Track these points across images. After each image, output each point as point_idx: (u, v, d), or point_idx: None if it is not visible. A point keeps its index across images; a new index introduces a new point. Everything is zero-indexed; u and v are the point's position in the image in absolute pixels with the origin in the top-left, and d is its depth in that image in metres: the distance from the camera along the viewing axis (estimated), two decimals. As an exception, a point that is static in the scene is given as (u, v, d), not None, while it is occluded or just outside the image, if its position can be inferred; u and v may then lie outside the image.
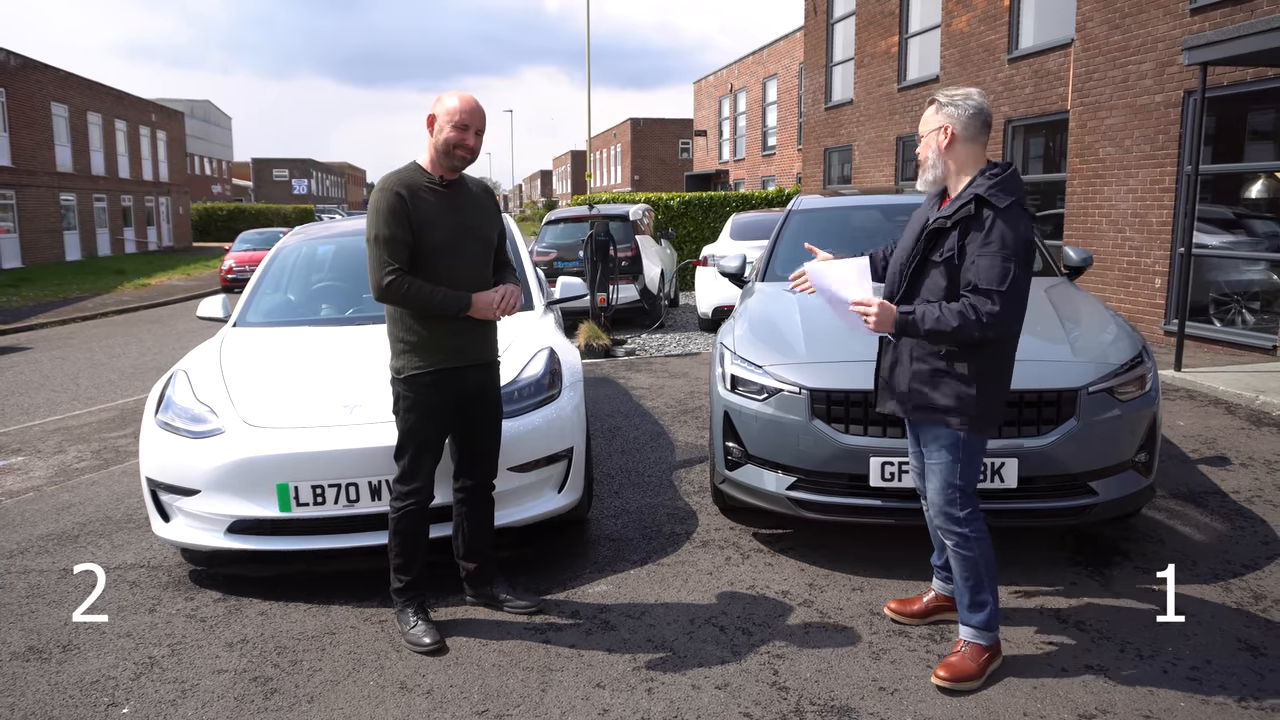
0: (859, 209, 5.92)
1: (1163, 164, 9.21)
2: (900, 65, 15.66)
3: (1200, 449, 5.46)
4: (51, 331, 15.58)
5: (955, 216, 2.84)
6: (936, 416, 2.91)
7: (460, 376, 3.28)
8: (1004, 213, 2.78)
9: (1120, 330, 4.08)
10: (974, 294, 2.76)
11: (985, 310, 2.72)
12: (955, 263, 2.83)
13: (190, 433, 3.74)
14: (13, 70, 27.74)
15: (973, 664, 2.92)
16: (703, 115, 37.11)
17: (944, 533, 2.98)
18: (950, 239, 2.84)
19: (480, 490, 3.48)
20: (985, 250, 2.76)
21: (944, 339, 2.81)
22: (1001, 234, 2.75)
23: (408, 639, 3.28)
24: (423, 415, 3.24)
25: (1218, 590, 3.56)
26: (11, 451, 6.68)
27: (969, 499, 2.94)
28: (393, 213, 3.12)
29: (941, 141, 2.90)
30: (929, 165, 2.95)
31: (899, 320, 2.83)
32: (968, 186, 2.88)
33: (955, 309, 2.76)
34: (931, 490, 2.99)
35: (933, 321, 2.78)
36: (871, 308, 2.83)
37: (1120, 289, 9.91)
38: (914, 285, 2.96)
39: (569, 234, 12.65)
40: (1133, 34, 9.53)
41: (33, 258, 28.10)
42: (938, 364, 2.89)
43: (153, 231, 38.84)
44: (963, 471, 2.92)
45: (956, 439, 2.89)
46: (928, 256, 2.92)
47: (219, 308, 5.07)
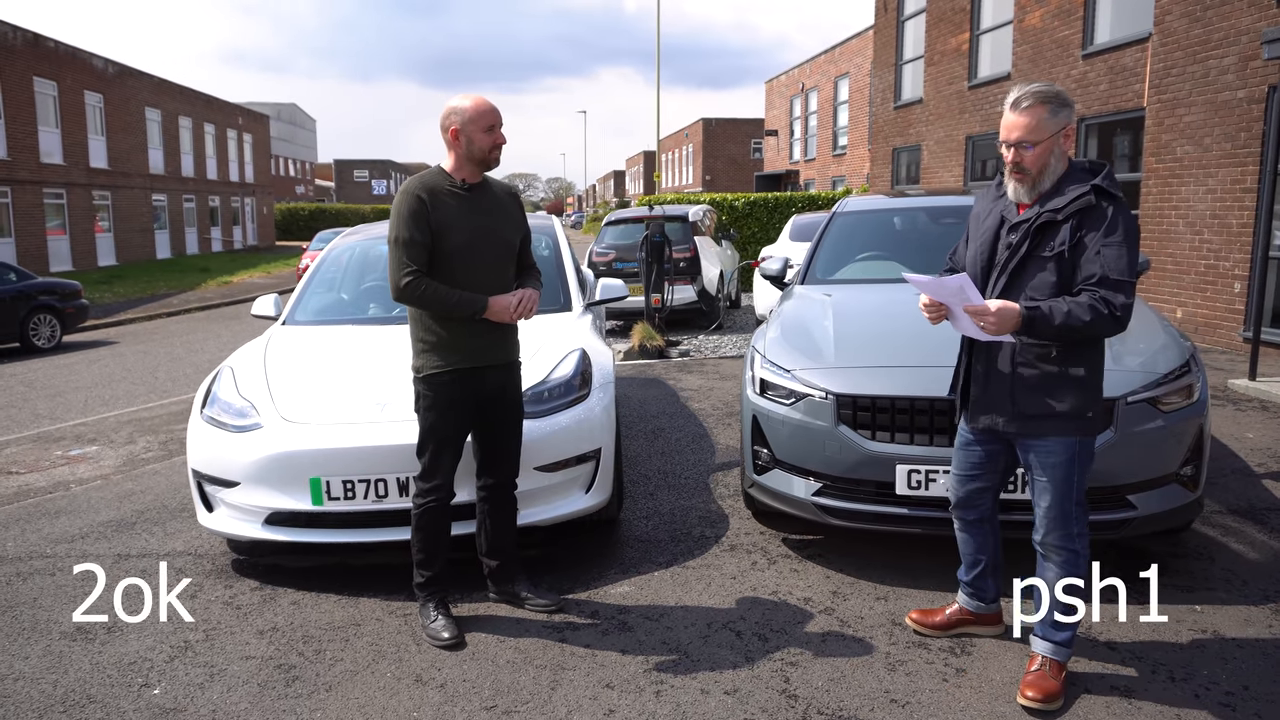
0: (905, 211, 5.80)
1: (1244, 163, 8.78)
2: (971, 63, 15.28)
3: (1268, 463, 5.20)
4: (139, 326, 16.36)
5: (1069, 209, 2.67)
6: (1052, 426, 2.75)
7: (479, 376, 3.34)
8: (1121, 204, 2.67)
9: (1168, 338, 3.91)
10: (1103, 286, 2.60)
11: (1119, 303, 2.59)
12: (1067, 257, 2.67)
13: (232, 426, 3.89)
14: (110, 77, 29.21)
15: (1056, 682, 2.82)
16: (774, 115, 36.81)
17: (1053, 551, 2.83)
18: (1063, 232, 2.68)
19: (502, 489, 3.53)
20: (1111, 240, 2.62)
21: (1075, 334, 2.63)
22: (1126, 224, 2.64)
23: (428, 632, 3.35)
24: (442, 414, 3.31)
25: (1266, 613, 3.39)
26: (87, 441, 7.04)
27: (1085, 515, 2.82)
28: (413, 215, 3.20)
29: (1066, 145, 2.72)
30: (1048, 172, 2.72)
31: (1026, 317, 2.63)
32: (1064, 180, 2.73)
33: (1085, 303, 2.60)
34: (1048, 511, 2.81)
35: (1063, 316, 2.60)
36: (989, 313, 2.63)
37: (1197, 294, 9.49)
38: (1014, 283, 2.77)
39: (629, 234, 12.69)
40: (1214, 27, 9.11)
41: (126, 256, 29.54)
42: (1048, 368, 2.73)
43: (238, 231, 40.42)
44: (1079, 484, 2.78)
45: (1074, 450, 2.75)
46: (1033, 252, 2.73)
47: (271, 306, 5.25)
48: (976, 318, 2.66)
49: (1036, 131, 2.69)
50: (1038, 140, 2.69)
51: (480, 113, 3.25)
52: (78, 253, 26.74)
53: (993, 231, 2.86)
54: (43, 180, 25.06)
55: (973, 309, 2.66)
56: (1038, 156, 2.71)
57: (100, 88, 28.52)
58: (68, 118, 26.48)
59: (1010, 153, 2.75)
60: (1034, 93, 2.71)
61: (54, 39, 26.02)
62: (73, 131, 26.77)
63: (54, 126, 25.96)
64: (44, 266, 23.80)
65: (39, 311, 12.98)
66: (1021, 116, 2.71)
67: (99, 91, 28.42)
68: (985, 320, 2.64)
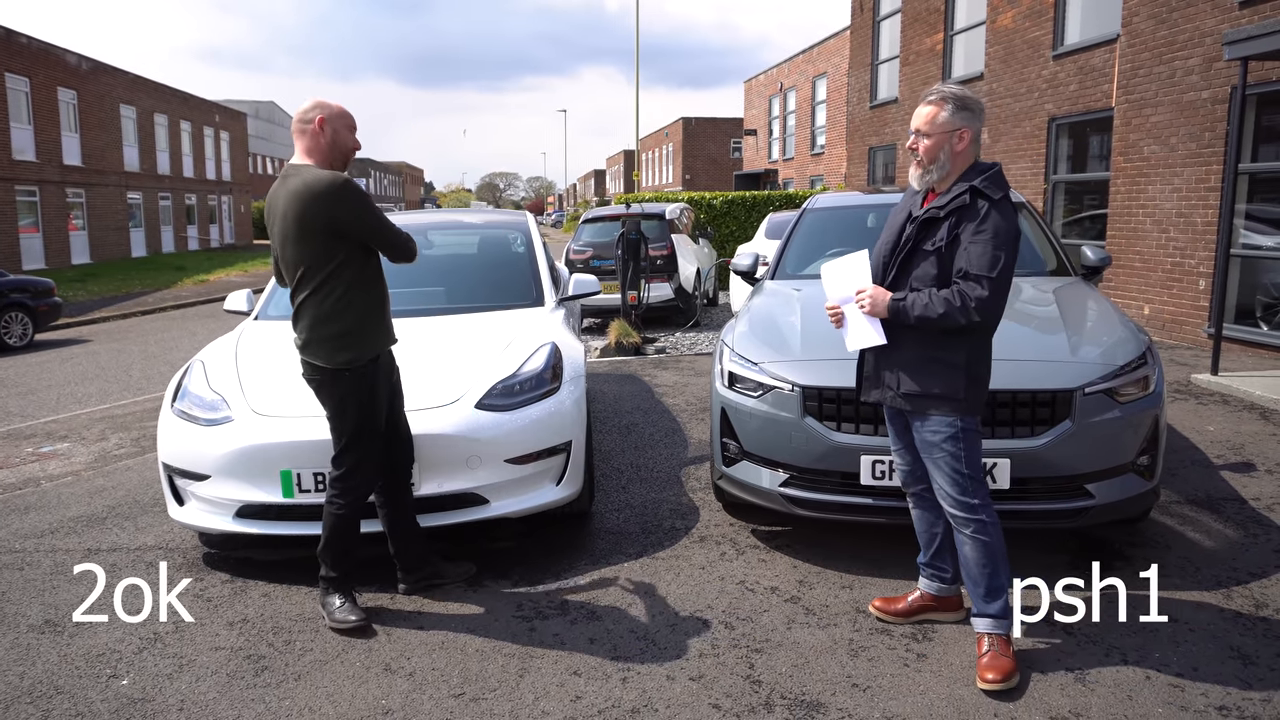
0: (873, 207, 5.88)
1: (1209, 162, 8.95)
2: (945, 63, 15.43)
3: (1226, 454, 5.32)
4: (112, 325, 16.20)
5: (949, 207, 2.90)
6: (927, 404, 2.95)
7: (388, 360, 3.49)
8: (998, 204, 2.86)
9: (1125, 331, 4.00)
10: (964, 280, 2.83)
11: (975, 295, 2.79)
12: (945, 252, 2.90)
13: (203, 420, 3.90)
14: (84, 74, 28.87)
15: (1008, 659, 2.93)
16: (753, 114, 36.94)
17: (961, 522, 2.99)
18: (942, 229, 2.90)
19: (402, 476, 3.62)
20: (978, 238, 2.83)
21: (931, 324, 2.86)
22: (995, 223, 2.83)
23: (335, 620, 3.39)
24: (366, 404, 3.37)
25: (1218, 597, 3.48)
26: (58, 438, 6.99)
27: (980, 484, 2.98)
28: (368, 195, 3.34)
29: (958, 145, 2.92)
30: (938, 166, 2.94)
31: (890, 306, 2.92)
32: (958, 181, 2.94)
33: (943, 295, 2.83)
34: (942, 484, 3.00)
35: (921, 308, 2.86)
36: (866, 292, 2.96)
37: (1164, 290, 9.65)
38: (903, 273, 3.00)
39: (606, 232, 12.72)
40: (1180, 29, 9.28)
41: (100, 254, 29.21)
42: (923, 353, 2.94)
43: (215, 229, 40.06)
44: (968, 459, 2.95)
45: (955, 429, 2.93)
46: (919, 245, 2.96)
47: (244, 301, 5.25)
48: (861, 298, 2.98)
49: (930, 124, 2.93)
50: (930, 133, 2.93)
51: (348, 113, 3.40)
52: (51, 251, 26.41)
53: (899, 224, 3.07)
54: (15, 177, 24.74)
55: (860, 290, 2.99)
56: (929, 148, 2.93)
57: (74, 84, 28.17)
58: (40, 114, 26.14)
59: (910, 139, 3.00)
60: (941, 91, 2.96)
61: (26, 34, 25.70)
62: (46, 128, 26.43)
63: (26, 123, 25.62)
64: (16, 265, 23.49)
65: (11, 309, 12.83)
66: (924, 108, 2.96)
67: (72, 88, 28.08)
68: (863, 299, 2.97)
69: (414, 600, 3.63)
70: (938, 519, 3.22)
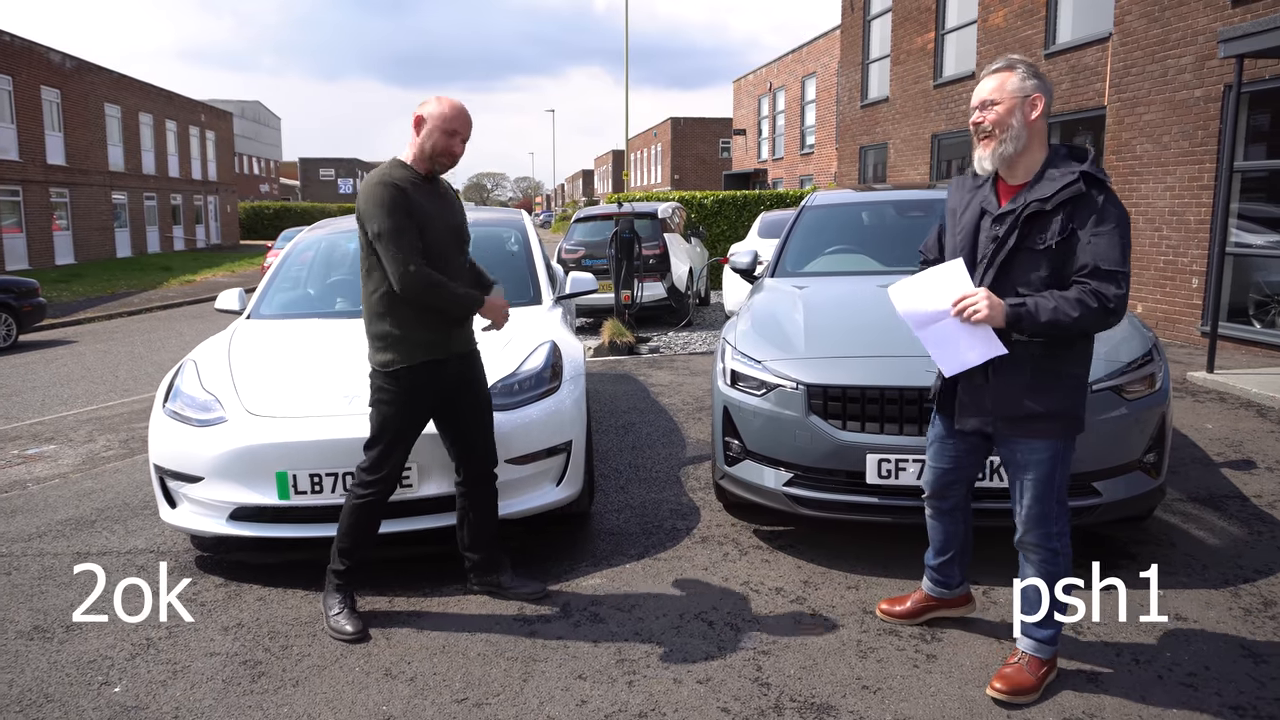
0: (872, 204, 5.85)
1: (1201, 161, 8.97)
2: (936, 62, 15.45)
3: (1226, 452, 5.31)
4: (98, 326, 16.01)
5: (1058, 198, 2.57)
6: (1037, 428, 2.67)
7: (440, 367, 3.32)
8: (1111, 192, 2.59)
9: (1131, 328, 3.97)
10: (1094, 277, 2.52)
11: (1112, 294, 2.49)
12: (1056, 249, 2.57)
13: (196, 421, 3.82)
14: (68, 72, 28.58)
15: (1031, 677, 2.79)
16: (742, 114, 36.93)
17: (1030, 549, 2.79)
18: (1054, 224, 2.57)
19: (480, 482, 3.51)
20: (1103, 229, 2.53)
21: (1063, 330, 2.55)
22: (1117, 213, 2.55)
23: (330, 624, 3.32)
24: (400, 408, 3.27)
25: (1225, 596, 3.46)
26: (44, 440, 6.88)
27: (1065, 512, 2.77)
28: (396, 205, 3.11)
29: (1030, 113, 2.63)
30: (1011, 136, 2.62)
31: (1009, 314, 2.55)
32: (1046, 167, 2.65)
33: (1074, 297, 2.51)
34: (1028, 507, 2.76)
35: (1049, 312, 2.52)
36: (979, 299, 2.55)
37: (1156, 289, 9.67)
38: (1003, 276, 2.65)
39: (598, 231, 12.68)
40: (1172, 27, 9.29)
41: (85, 254, 28.92)
42: (1047, 365, 2.64)
43: (201, 229, 39.75)
44: (1060, 483, 2.73)
45: (1057, 450, 2.69)
46: (1023, 245, 2.62)
47: (236, 300, 5.17)
48: (966, 307, 2.57)
49: (1000, 90, 2.65)
50: (1000, 100, 2.64)
51: (450, 115, 3.24)
52: (34, 251, 26.12)
53: (973, 224, 2.76)
54: (-2, 177, 24.49)
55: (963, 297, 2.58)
56: (1000, 116, 2.64)
57: (57, 83, 27.88)
58: (23, 113, 25.85)
59: (975, 114, 2.71)
60: (1009, 58, 2.71)
61: (9, 33, 25.42)
62: (29, 127, 26.14)
63: (9, 122, 25.34)
64: (-1, 265, 23.27)
65: (-6, 310, 12.65)
66: (990, 79, 2.69)
67: (56, 87, 27.79)
68: (975, 307, 2.56)
69: (413, 603, 3.56)
70: (956, 532, 3.12)
